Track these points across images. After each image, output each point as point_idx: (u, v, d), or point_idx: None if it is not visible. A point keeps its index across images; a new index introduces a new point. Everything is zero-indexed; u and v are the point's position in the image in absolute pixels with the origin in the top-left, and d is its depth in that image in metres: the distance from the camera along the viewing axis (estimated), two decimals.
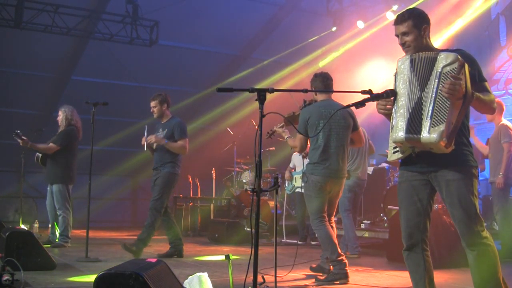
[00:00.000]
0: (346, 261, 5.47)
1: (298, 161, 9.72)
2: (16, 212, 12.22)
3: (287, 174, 9.91)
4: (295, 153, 9.72)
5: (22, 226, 8.93)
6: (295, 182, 9.74)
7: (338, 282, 5.36)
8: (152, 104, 7.10)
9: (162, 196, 6.91)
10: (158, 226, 6.96)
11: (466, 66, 3.17)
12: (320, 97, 5.80)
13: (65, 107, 8.40)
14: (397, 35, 3.49)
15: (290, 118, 5.97)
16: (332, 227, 5.69)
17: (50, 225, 9.46)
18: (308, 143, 5.78)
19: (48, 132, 10.04)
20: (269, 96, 3.40)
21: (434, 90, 3.14)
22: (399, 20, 3.47)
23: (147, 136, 6.96)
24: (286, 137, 5.87)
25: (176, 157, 7.09)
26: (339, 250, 5.49)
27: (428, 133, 3.10)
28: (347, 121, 5.68)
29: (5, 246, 5.53)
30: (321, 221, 5.56)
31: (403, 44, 3.45)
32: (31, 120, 12.76)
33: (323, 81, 5.74)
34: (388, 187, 9.73)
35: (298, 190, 9.64)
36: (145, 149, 7.02)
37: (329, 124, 5.54)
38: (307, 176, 5.63)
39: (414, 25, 3.42)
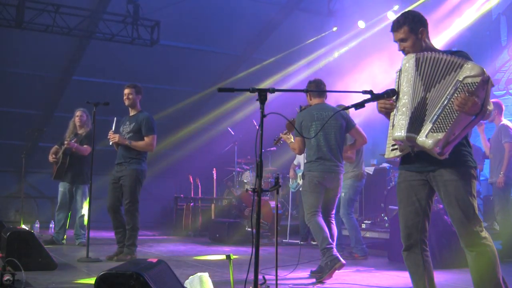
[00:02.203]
0: (334, 248, 5.59)
1: (302, 159, 9.72)
2: (17, 212, 12.24)
3: (291, 172, 9.94)
4: None
5: (23, 226, 8.94)
6: (299, 180, 9.74)
7: (335, 268, 5.43)
8: (127, 91, 6.89)
9: (134, 197, 6.71)
10: (139, 223, 6.83)
11: (490, 82, 3.09)
12: (314, 101, 6.14)
13: (84, 109, 8.59)
14: (396, 41, 3.48)
15: (292, 123, 6.21)
16: (331, 223, 5.92)
17: (51, 225, 9.50)
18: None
19: (49, 132, 10.05)
20: (269, 96, 3.40)
21: (448, 97, 3.08)
22: (395, 27, 3.45)
23: (114, 130, 6.83)
24: (289, 142, 6.20)
25: (142, 153, 6.86)
26: (329, 240, 5.63)
27: (425, 137, 3.09)
28: (338, 122, 5.98)
29: (6, 246, 5.54)
30: (312, 215, 5.76)
31: (402, 50, 3.44)
32: (31, 120, 12.77)
33: (316, 87, 6.09)
34: (389, 187, 9.73)
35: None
36: (110, 143, 6.89)
37: (321, 125, 5.85)
38: (305, 173, 5.94)
39: (411, 30, 3.38)
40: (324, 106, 6.03)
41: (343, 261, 5.50)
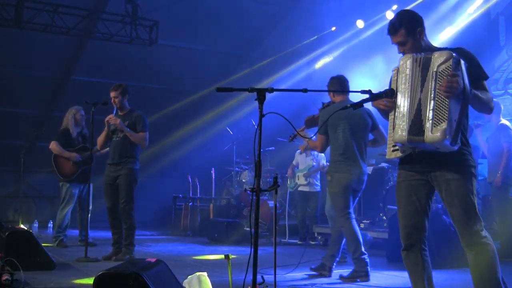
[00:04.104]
0: (368, 260, 5.60)
1: (301, 159, 9.73)
2: (16, 212, 12.22)
3: (289, 172, 9.93)
4: (298, 150, 9.78)
5: (22, 226, 8.93)
6: (298, 179, 9.73)
7: (359, 279, 5.51)
8: (113, 94, 6.83)
9: (131, 196, 6.74)
10: (135, 222, 6.82)
11: (462, 62, 3.15)
12: (338, 98, 5.95)
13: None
14: (393, 44, 3.47)
15: (310, 120, 6.09)
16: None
17: (50, 225, 9.44)
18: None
19: (48, 132, 10.03)
20: (268, 96, 3.39)
21: (432, 90, 3.13)
22: (392, 31, 3.41)
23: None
24: (307, 138, 6.12)
25: (138, 151, 6.88)
26: (363, 249, 5.59)
27: (431, 133, 3.10)
28: (365, 120, 5.83)
29: (4, 246, 5.53)
30: (347, 218, 5.68)
31: (402, 53, 3.43)
32: (30, 119, 12.76)
33: (339, 83, 5.92)
34: (387, 187, 9.72)
35: (300, 188, 9.66)
36: (106, 124, 6.82)
37: (349, 124, 5.71)
38: (331, 174, 5.77)
39: (408, 32, 3.36)
40: (349, 103, 5.89)
41: (369, 278, 5.56)
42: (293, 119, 6.26)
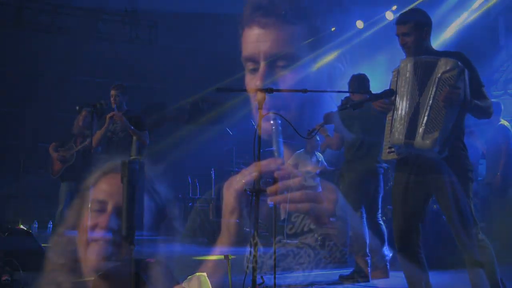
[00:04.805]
0: (370, 262, 5.58)
1: (303, 159, 9.63)
2: (16, 212, 12.22)
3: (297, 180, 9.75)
4: (298, 151, 9.75)
5: (21, 227, 8.93)
6: (305, 182, 9.67)
7: (359, 279, 5.51)
8: (114, 92, 6.83)
9: (132, 196, 6.73)
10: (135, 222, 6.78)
11: (466, 72, 3.16)
12: (356, 97, 5.84)
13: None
14: (397, 35, 3.48)
15: (329, 116, 6.04)
16: (380, 224, 5.86)
17: (50, 225, 9.43)
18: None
19: (48, 132, 10.05)
20: (268, 96, 3.38)
21: (432, 96, 3.13)
22: (401, 21, 3.46)
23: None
24: (325, 134, 6.02)
25: (136, 152, 6.88)
26: (367, 250, 5.57)
27: (422, 139, 3.11)
28: (381, 121, 5.72)
29: (4, 246, 5.53)
30: (358, 217, 5.61)
31: (403, 45, 3.44)
32: (30, 119, 12.75)
33: (359, 83, 5.84)
34: (387, 187, 9.71)
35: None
36: (106, 120, 6.79)
37: (362, 124, 5.64)
38: (343, 174, 5.81)
39: (416, 26, 3.40)
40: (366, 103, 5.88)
41: (369, 279, 5.55)
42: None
